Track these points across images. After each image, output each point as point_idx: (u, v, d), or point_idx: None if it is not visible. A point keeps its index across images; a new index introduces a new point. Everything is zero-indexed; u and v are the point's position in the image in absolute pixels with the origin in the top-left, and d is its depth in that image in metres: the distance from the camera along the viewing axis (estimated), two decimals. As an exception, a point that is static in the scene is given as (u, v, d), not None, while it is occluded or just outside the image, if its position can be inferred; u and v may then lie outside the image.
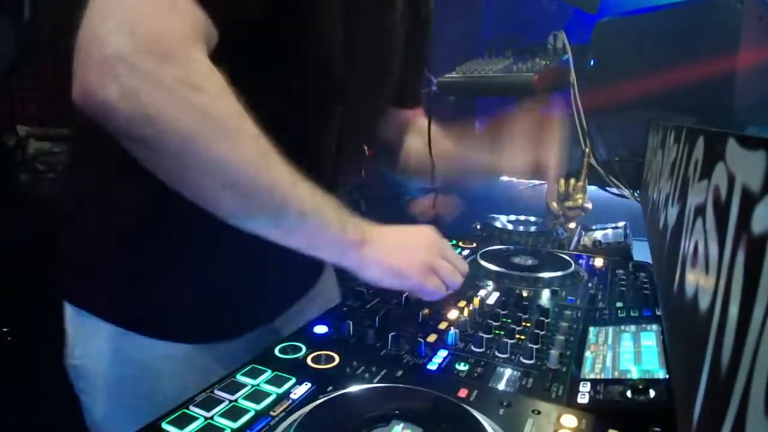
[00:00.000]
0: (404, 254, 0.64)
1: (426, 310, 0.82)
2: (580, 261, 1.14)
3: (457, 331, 0.74)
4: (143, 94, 0.45)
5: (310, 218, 0.57)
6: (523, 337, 0.75)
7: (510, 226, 1.48)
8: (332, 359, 0.67)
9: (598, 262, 1.13)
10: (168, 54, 0.46)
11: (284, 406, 0.57)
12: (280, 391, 0.59)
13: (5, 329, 1.50)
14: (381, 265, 0.63)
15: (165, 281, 0.67)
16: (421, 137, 0.92)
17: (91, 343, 0.68)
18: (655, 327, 0.72)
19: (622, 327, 0.75)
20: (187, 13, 0.49)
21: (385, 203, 1.86)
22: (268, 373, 0.63)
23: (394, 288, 0.69)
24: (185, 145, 0.48)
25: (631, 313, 0.80)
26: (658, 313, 0.77)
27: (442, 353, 0.70)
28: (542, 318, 0.80)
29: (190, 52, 0.49)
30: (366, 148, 1.80)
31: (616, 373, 0.63)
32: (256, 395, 0.58)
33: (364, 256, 0.62)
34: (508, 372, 0.66)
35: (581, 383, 0.62)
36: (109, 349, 0.68)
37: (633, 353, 0.67)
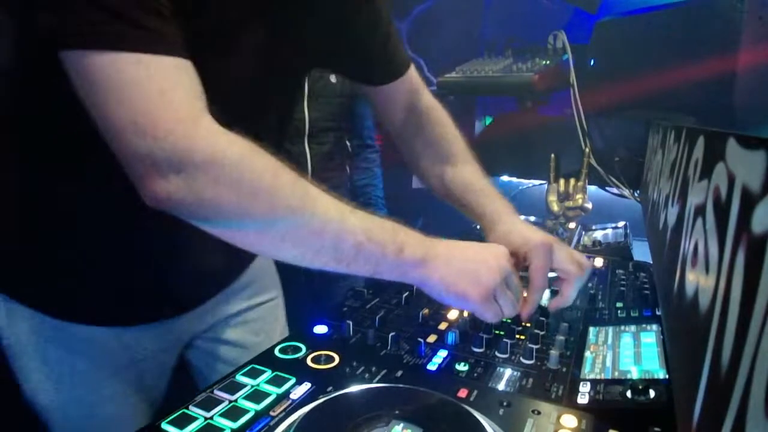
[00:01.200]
0: (469, 277, 0.62)
1: (426, 310, 0.82)
2: (580, 261, 1.14)
3: (457, 331, 0.74)
4: (182, 191, 0.49)
5: (364, 248, 0.57)
6: (523, 337, 0.75)
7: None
8: (332, 359, 0.67)
9: (598, 262, 1.13)
10: (180, 144, 0.48)
11: (284, 406, 0.57)
12: (280, 391, 0.59)
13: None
14: (445, 286, 0.61)
15: (70, 267, 0.68)
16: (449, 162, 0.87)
17: (15, 324, 0.70)
18: (655, 327, 0.72)
19: (622, 327, 0.75)
20: (177, 83, 0.49)
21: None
22: (268, 373, 0.63)
23: (456, 306, 0.68)
24: (234, 220, 0.52)
25: (631, 313, 0.80)
26: (658, 313, 0.77)
27: (442, 353, 0.70)
28: (542, 318, 0.80)
29: (198, 128, 0.50)
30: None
31: (616, 373, 0.63)
32: (256, 395, 0.58)
33: (427, 276, 0.61)
34: (508, 372, 0.66)
35: (581, 383, 0.62)
36: (30, 330, 0.70)
37: (633, 353, 0.67)
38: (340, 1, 0.74)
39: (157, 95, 0.47)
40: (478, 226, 0.85)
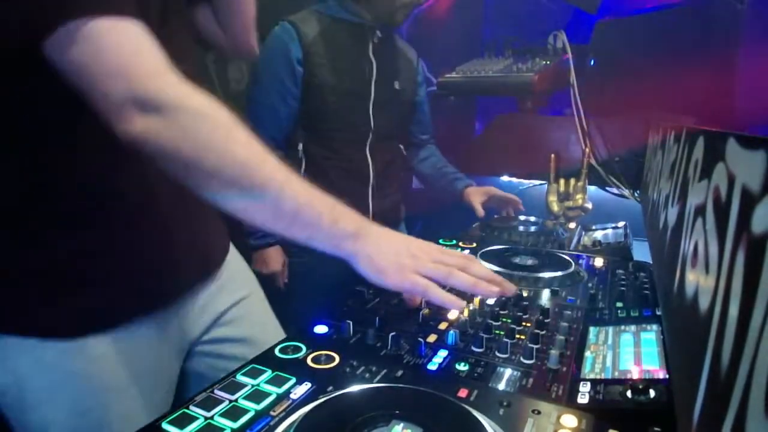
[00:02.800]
0: (391, 257, 0.68)
1: (426, 310, 0.82)
2: (580, 261, 1.14)
3: (457, 331, 0.74)
4: (149, 130, 0.57)
5: (303, 212, 0.63)
6: (523, 337, 0.75)
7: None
8: (332, 359, 0.67)
9: (598, 262, 1.13)
10: (152, 89, 0.58)
11: (284, 406, 0.57)
12: (280, 391, 0.60)
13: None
14: (369, 260, 0.67)
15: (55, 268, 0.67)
16: None
17: (14, 359, 0.68)
18: (655, 327, 0.72)
19: (622, 327, 0.75)
20: (146, 41, 0.59)
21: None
22: (268, 373, 0.63)
23: (377, 284, 0.70)
24: (188, 162, 0.59)
25: (631, 313, 0.80)
26: (658, 313, 0.77)
27: (442, 353, 0.70)
28: (542, 318, 0.80)
29: (168, 78, 0.59)
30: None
31: (616, 373, 0.63)
32: (256, 395, 0.58)
33: (357, 250, 0.67)
34: (508, 372, 0.66)
35: (581, 383, 0.62)
36: (33, 361, 0.68)
37: (633, 353, 0.67)
38: None
39: (133, 55, 0.58)
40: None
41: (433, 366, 0.67)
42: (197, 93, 0.60)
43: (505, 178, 2.06)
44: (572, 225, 1.49)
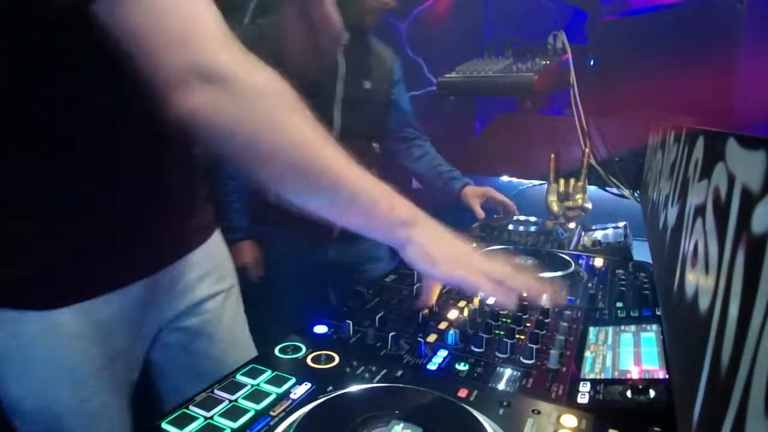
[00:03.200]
0: (448, 249, 0.66)
1: (426, 311, 0.82)
2: (580, 261, 1.14)
3: (457, 331, 0.74)
4: (207, 104, 0.54)
5: (360, 197, 0.62)
6: (523, 337, 0.75)
7: (510, 226, 1.48)
8: (332, 359, 0.67)
9: (598, 262, 1.13)
10: (215, 58, 0.54)
11: (284, 406, 0.57)
12: (280, 391, 0.60)
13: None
14: (422, 250, 0.65)
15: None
16: None
17: None
18: (655, 327, 0.72)
19: (622, 327, 0.75)
20: (209, 8, 0.55)
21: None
22: (267, 373, 0.63)
23: (427, 276, 0.70)
24: (243, 142, 0.57)
25: (631, 313, 0.80)
26: (658, 313, 0.77)
27: (442, 353, 0.70)
28: (542, 318, 0.80)
29: (231, 49, 0.56)
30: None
31: (616, 373, 0.63)
32: (256, 395, 0.58)
33: (411, 237, 0.65)
34: (508, 372, 0.66)
35: (581, 383, 0.62)
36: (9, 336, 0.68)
37: (633, 353, 0.67)
38: None
39: (196, 21, 0.54)
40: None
41: (433, 366, 0.67)
42: (262, 68, 0.57)
43: (504, 178, 2.06)
44: (572, 225, 1.49)
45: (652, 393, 0.56)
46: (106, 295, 0.72)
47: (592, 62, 1.80)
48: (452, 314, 0.82)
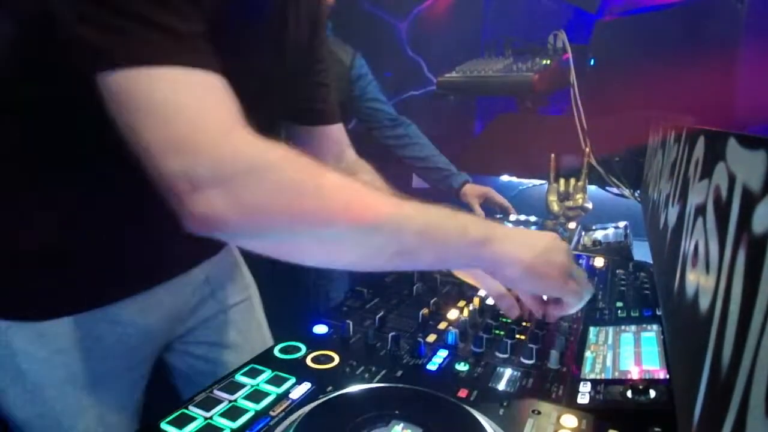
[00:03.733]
0: (541, 254, 0.59)
1: (426, 310, 0.82)
2: (580, 261, 1.14)
3: (457, 331, 0.74)
4: (225, 205, 0.46)
5: (428, 234, 0.54)
6: (523, 337, 0.75)
7: (510, 226, 1.48)
8: (332, 359, 0.67)
9: (598, 262, 1.13)
10: (220, 157, 0.46)
11: (284, 406, 0.57)
12: (280, 391, 0.59)
13: None
14: (521, 264, 0.57)
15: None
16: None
17: None
18: (655, 327, 0.72)
19: (622, 327, 0.75)
20: (212, 96, 0.47)
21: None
22: (267, 373, 0.63)
23: (532, 291, 0.65)
24: (282, 226, 0.49)
25: (631, 313, 0.80)
26: (658, 313, 0.77)
27: (442, 353, 0.70)
28: (542, 318, 0.80)
29: (236, 139, 0.47)
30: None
31: (616, 373, 0.63)
32: (256, 395, 0.58)
33: (497, 253, 0.57)
34: (508, 372, 0.66)
35: (581, 383, 0.62)
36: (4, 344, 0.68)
37: (633, 353, 0.67)
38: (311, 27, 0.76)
39: (195, 114, 0.46)
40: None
41: (432, 366, 0.67)
42: (275, 145, 0.49)
43: (504, 178, 2.06)
44: (572, 225, 1.49)
45: (652, 393, 0.56)
46: (104, 308, 0.71)
47: (592, 62, 1.80)
48: (452, 314, 0.82)
